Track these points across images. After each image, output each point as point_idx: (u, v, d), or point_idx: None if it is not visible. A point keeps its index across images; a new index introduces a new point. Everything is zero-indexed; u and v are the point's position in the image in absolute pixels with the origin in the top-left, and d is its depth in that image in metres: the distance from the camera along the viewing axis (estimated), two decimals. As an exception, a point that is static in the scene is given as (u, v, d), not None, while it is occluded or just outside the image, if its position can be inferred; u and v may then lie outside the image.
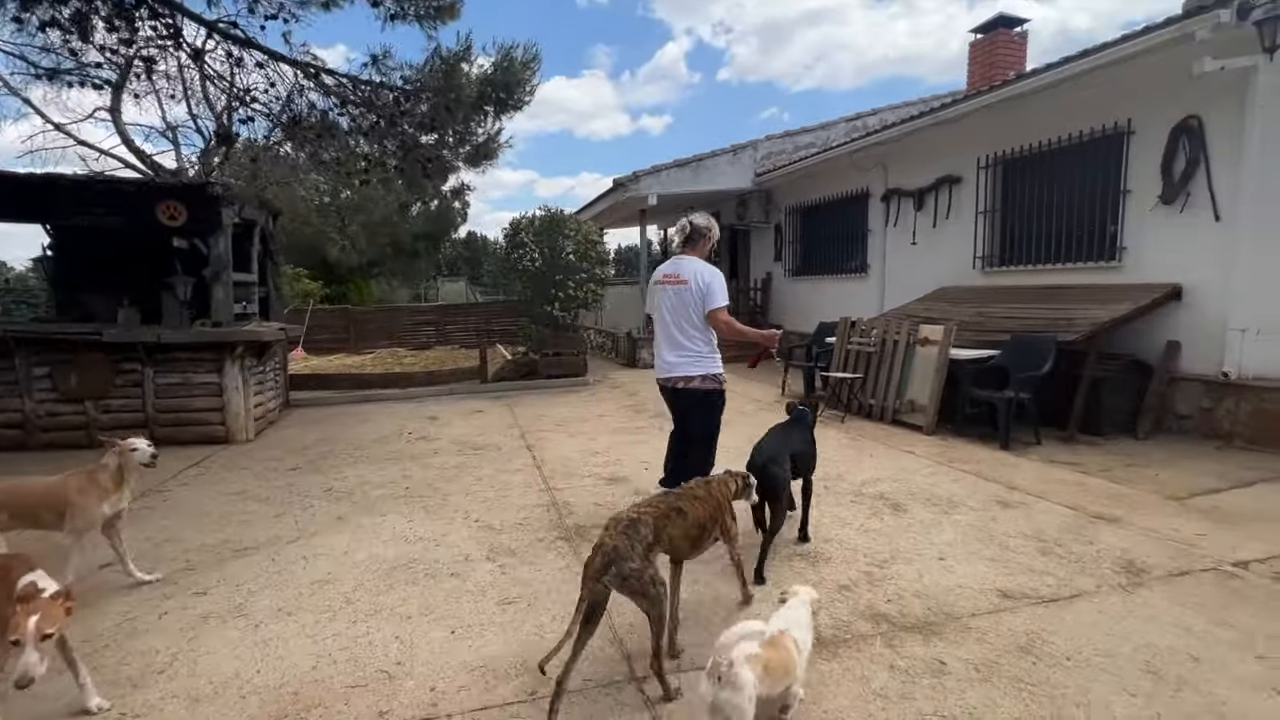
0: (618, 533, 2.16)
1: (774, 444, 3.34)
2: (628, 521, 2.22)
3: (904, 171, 8.77)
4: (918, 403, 6.06)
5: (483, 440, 6.11)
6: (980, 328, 6.37)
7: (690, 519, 2.45)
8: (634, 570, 2.09)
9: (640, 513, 2.29)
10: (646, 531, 2.22)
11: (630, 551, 2.10)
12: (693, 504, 2.51)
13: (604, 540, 2.14)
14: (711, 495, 2.65)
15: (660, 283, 3.69)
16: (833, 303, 10.47)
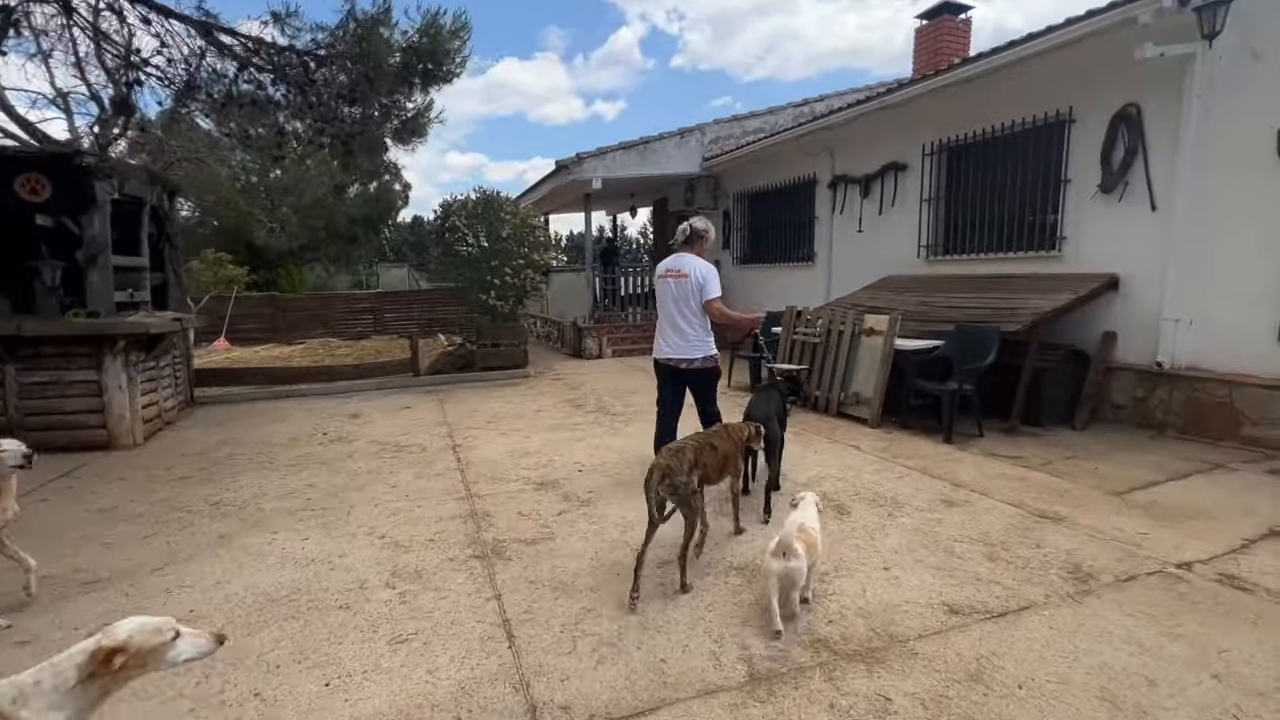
0: (670, 455, 2.87)
1: (763, 407, 3.97)
2: (677, 449, 2.94)
3: (851, 158, 8.62)
4: (863, 395, 5.90)
5: (406, 440, 5.63)
6: (925, 317, 6.26)
7: (720, 453, 3.19)
8: (683, 482, 2.81)
9: (685, 444, 3.01)
10: (691, 456, 2.92)
11: (680, 468, 2.82)
12: (722, 441, 3.26)
13: (659, 461, 2.84)
14: (731, 437, 3.36)
15: (663, 276, 4.21)
16: (781, 291, 10.31)
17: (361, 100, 7.22)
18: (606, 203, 15.17)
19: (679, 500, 2.83)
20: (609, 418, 6.37)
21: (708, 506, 3.33)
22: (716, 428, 3.47)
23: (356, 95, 7.02)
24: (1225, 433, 4.82)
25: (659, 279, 4.25)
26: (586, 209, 11.39)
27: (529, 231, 8.37)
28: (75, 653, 1.42)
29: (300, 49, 6.13)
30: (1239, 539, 3.23)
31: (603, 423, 6.17)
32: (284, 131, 7.63)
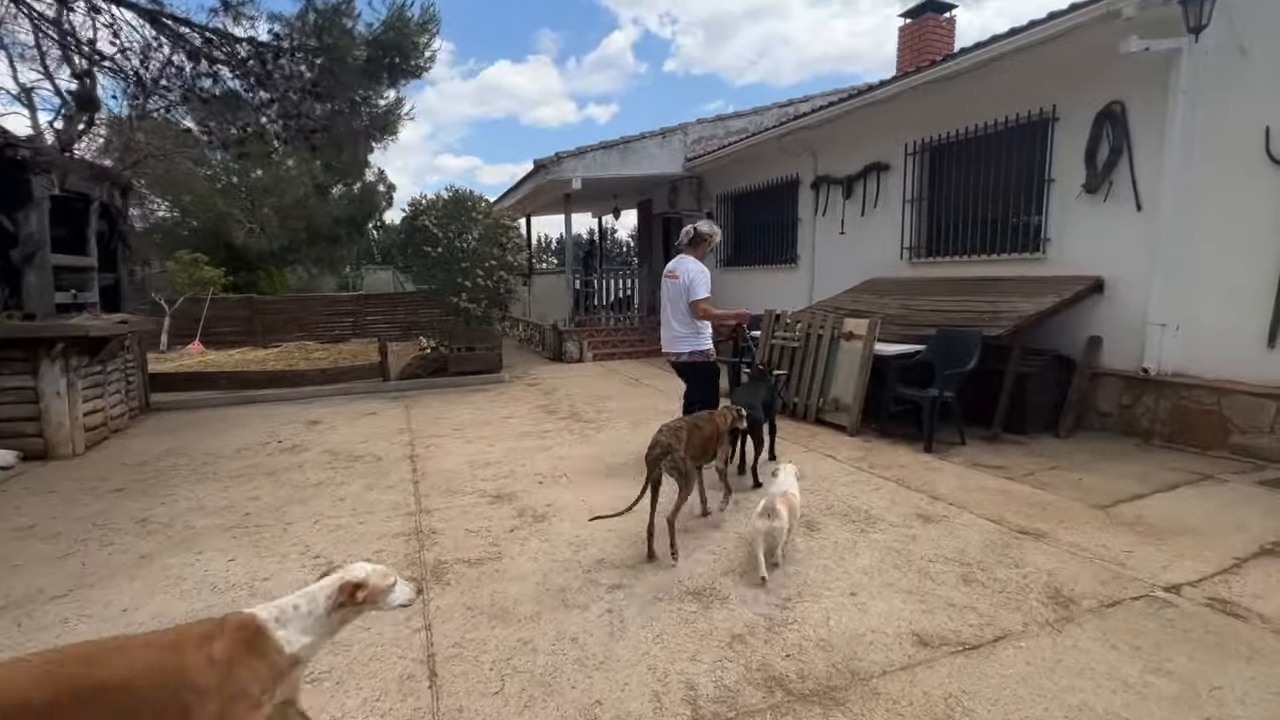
0: (669, 433, 3.23)
1: (749, 395, 4.38)
2: (674, 428, 3.32)
3: (833, 158, 8.44)
4: (842, 401, 5.69)
5: (363, 449, 5.36)
6: (907, 321, 6.07)
7: (703, 434, 3.53)
8: (680, 458, 3.17)
9: (680, 423, 3.45)
10: (684, 434, 3.31)
11: (678, 445, 3.19)
12: (707, 424, 3.62)
13: (659, 439, 3.19)
14: (714, 422, 3.70)
15: (664, 277, 4.59)
16: (764, 294, 10.09)
17: (327, 95, 6.95)
18: (589, 204, 14.95)
19: (677, 474, 3.18)
20: (580, 425, 6.13)
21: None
22: (706, 413, 3.79)
23: (320, 90, 6.76)
24: (1214, 441, 4.64)
25: (662, 280, 4.66)
26: (566, 210, 11.16)
27: (501, 232, 8.12)
28: (326, 585, 1.64)
29: (257, 40, 5.86)
30: (1230, 558, 3.03)
31: (573, 430, 5.93)
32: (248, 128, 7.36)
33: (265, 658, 1.52)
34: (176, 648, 1.46)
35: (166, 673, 1.41)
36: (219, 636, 1.49)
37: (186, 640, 1.48)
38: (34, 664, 1.39)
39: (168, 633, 1.53)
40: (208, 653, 1.46)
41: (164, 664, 1.43)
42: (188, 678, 1.41)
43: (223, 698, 1.43)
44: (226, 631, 1.51)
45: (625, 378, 8.96)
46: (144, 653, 1.44)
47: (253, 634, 1.53)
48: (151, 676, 1.40)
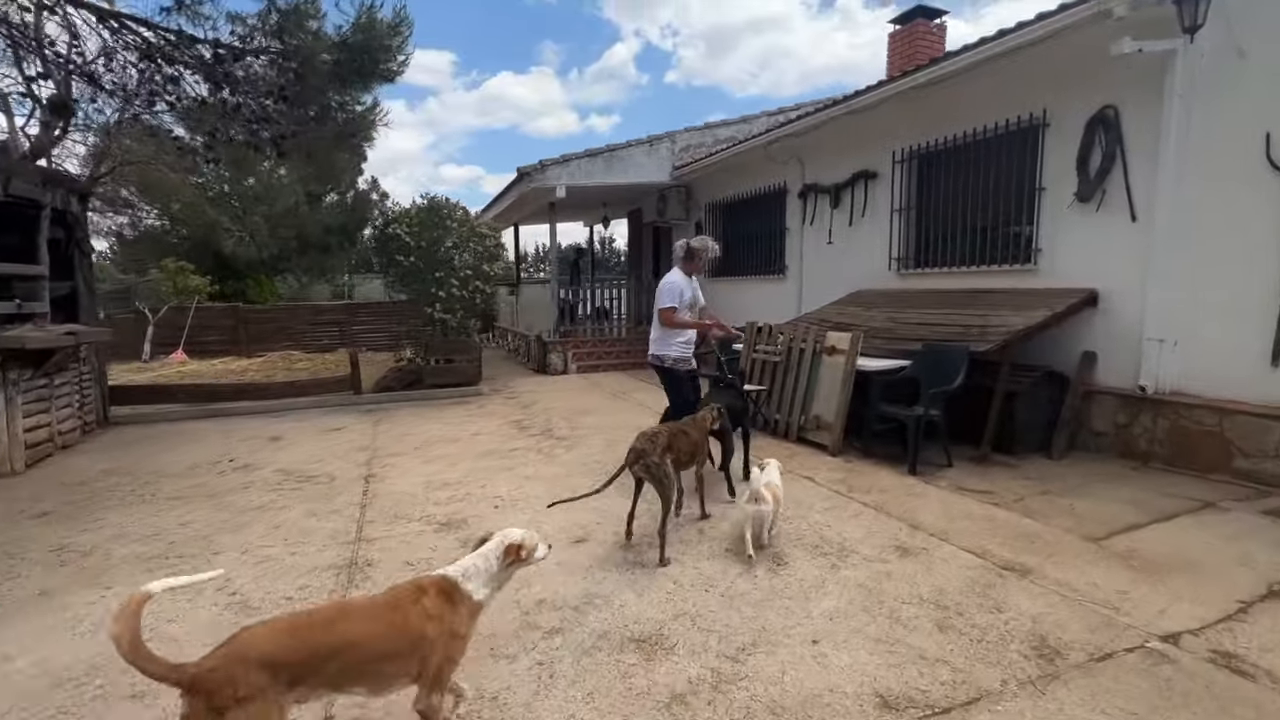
0: (645, 439, 3.31)
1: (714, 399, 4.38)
2: (651, 433, 3.38)
3: (821, 166, 8.21)
4: (823, 419, 5.42)
5: (317, 469, 5.08)
6: (892, 335, 5.80)
7: (689, 439, 3.67)
8: (654, 463, 3.22)
9: (660, 429, 3.51)
10: (663, 440, 3.38)
11: (652, 450, 3.25)
12: (691, 429, 3.74)
13: (635, 444, 3.28)
14: (699, 427, 3.82)
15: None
16: (753, 305, 9.86)
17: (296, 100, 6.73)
18: (578, 213, 14.74)
19: (652, 479, 3.22)
20: (551, 442, 5.85)
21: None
22: (689, 419, 3.90)
23: (288, 94, 6.53)
24: (1215, 465, 4.36)
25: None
26: (551, 219, 10.92)
27: (478, 240, 7.88)
28: (494, 546, 1.96)
29: (213, 40, 5.64)
30: (1234, 601, 2.75)
31: (543, 448, 5.65)
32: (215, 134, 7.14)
33: (463, 605, 1.85)
34: (398, 607, 1.77)
35: (396, 627, 1.73)
36: (426, 593, 1.81)
37: (402, 600, 1.79)
38: (284, 626, 1.66)
39: (383, 596, 1.85)
40: (422, 607, 1.77)
41: (393, 621, 1.73)
42: (414, 628, 1.73)
43: (443, 639, 1.77)
44: (430, 590, 1.82)
45: (608, 391, 8.69)
46: (373, 613, 1.75)
47: (450, 589, 1.85)
48: (386, 632, 1.71)
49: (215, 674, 1.48)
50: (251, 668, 1.50)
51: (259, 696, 1.49)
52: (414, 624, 1.74)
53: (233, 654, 1.52)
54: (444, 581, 1.86)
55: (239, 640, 1.57)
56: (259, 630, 1.63)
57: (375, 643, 1.69)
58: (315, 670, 1.59)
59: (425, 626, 1.75)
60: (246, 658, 1.52)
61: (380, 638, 1.70)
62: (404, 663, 1.73)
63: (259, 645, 1.56)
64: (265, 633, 1.61)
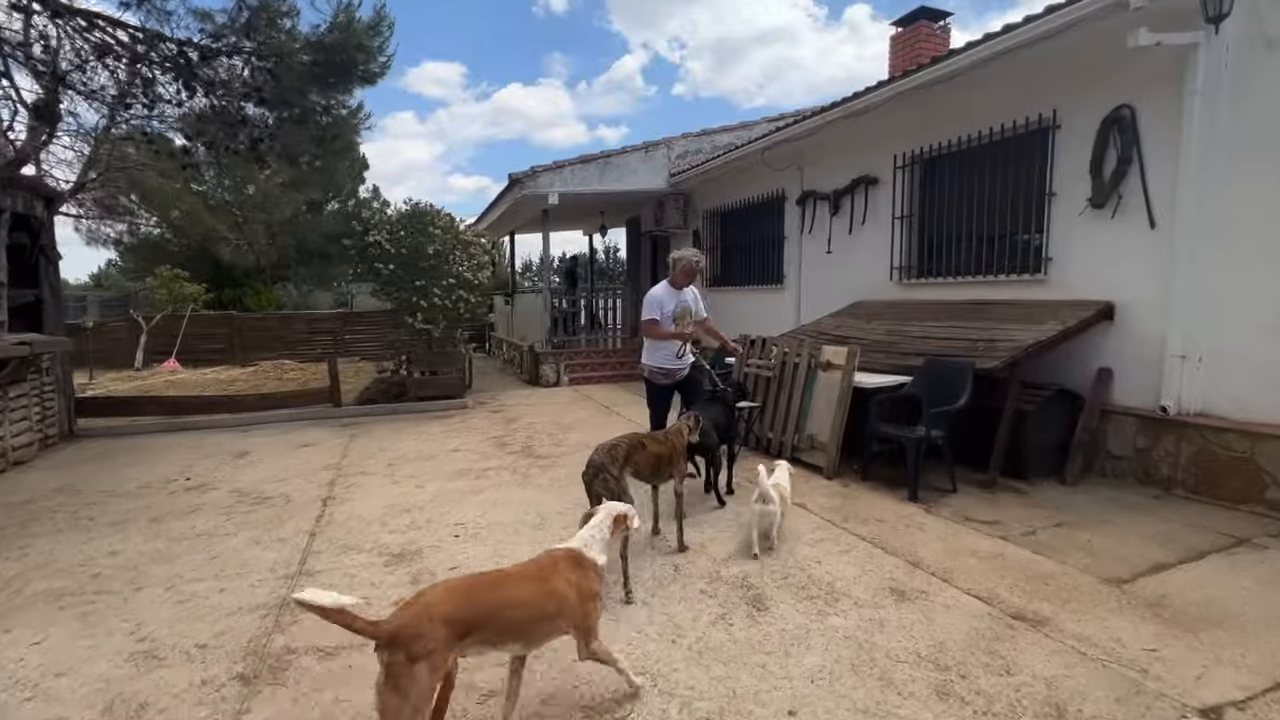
0: (603, 453, 3.16)
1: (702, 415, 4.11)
2: (610, 445, 3.23)
3: (820, 172, 7.90)
4: (818, 438, 5.06)
5: (276, 489, 4.77)
6: (893, 349, 5.45)
7: (649, 453, 3.38)
8: (612, 477, 3.08)
9: (619, 440, 3.30)
10: (622, 453, 3.21)
11: (611, 464, 3.12)
12: (653, 443, 3.46)
13: (593, 458, 3.15)
14: (668, 440, 3.56)
15: None
16: (751, 316, 9.53)
17: (273, 101, 6.49)
18: (576, 221, 14.47)
19: (609, 496, 2.98)
20: (529, 461, 5.52)
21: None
22: (661, 431, 3.84)
23: (265, 95, 6.29)
24: (1246, 495, 3.97)
25: None
26: (544, 227, 10.65)
27: (461, 248, 7.59)
28: (604, 518, 2.31)
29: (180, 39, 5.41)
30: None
31: (519, 468, 5.32)
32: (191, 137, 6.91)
33: (592, 569, 2.12)
34: (543, 576, 2.01)
35: (546, 592, 1.97)
36: (561, 562, 2.07)
37: (544, 569, 2.05)
38: (458, 587, 1.88)
39: (529, 566, 2.11)
40: (564, 575, 2.03)
41: (542, 587, 1.97)
42: (559, 592, 1.98)
43: (582, 600, 2.03)
44: (564, 560, 2.09)
45: (598, 405, 8.36)
46: (526, 580, 1.99)
47: (579, 557, 2.12)
48: (537, 597, 1.95)
49: (409, 629, 1.67)
50: (436, 624, 1.71)
51: (441, 649, 1.70)
52: (559, 589, 2.00)
53: (421, 612, 1.73)
54: (573, 552, 2.15)
55: (424, 601, 1.78)
56: (439, 591, 1.85)
57: (530, 605, 1.94)
58: (482, 627, 1.82)
59: (567, 591, 2.02)
60: (432, 615, 1.72)
61: (533, 601, 1.95)
62: (550, 623, 1.99)
63: (441, 604, 1.77)
64: (444, 593, 1.83)
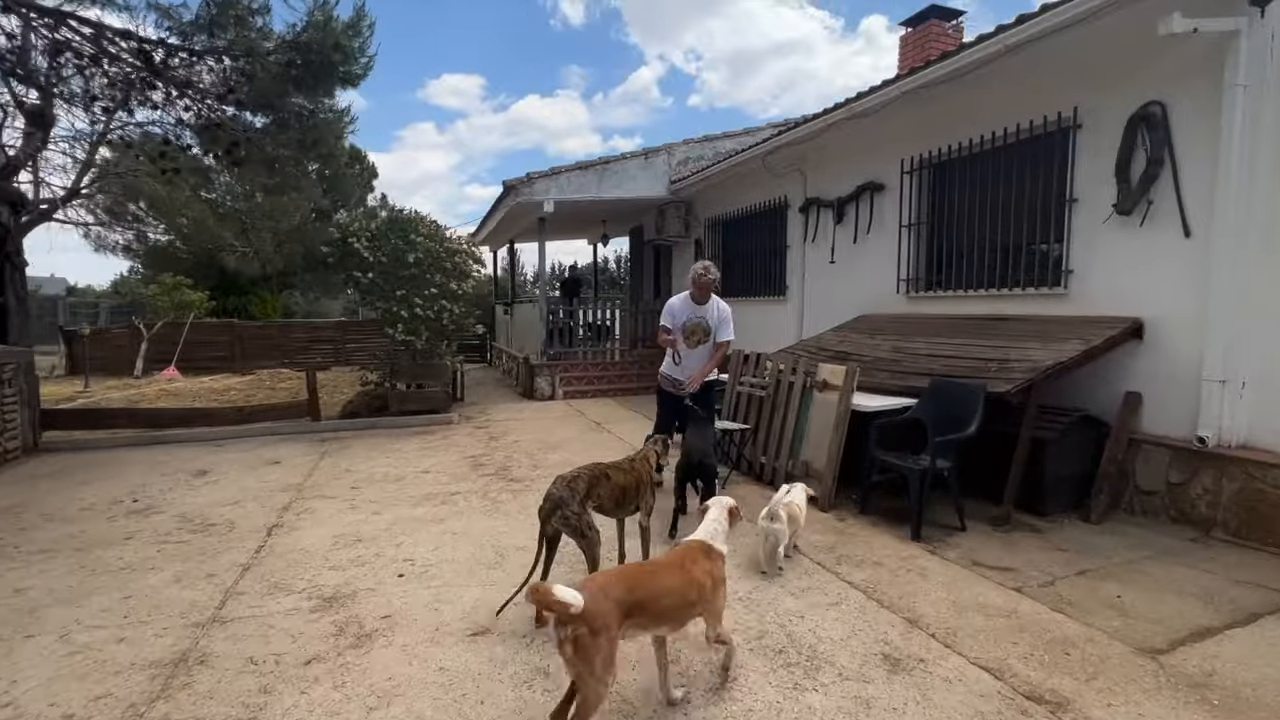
0: (563, 486, 2.86)
1: (699, 443, 4.13)
2: (570, 478, 2.92)
3: (824, 177, 7.49)
4: (814, 466, 4.63)
5: (224, 515, 4.42)
6: (899, 367, 5.00)
7: (613, 484, 3.11)
8: (574, 513, 2.80)
9: (581, 471, 3.01)
10: (582, 486, 2.91)
11: (572, 498, 2.82)
12: (618, 473, 3.18)
13: (551, 491, 2.85)
14: (634, 469, 3.28)
15: None
16: (754, 329, 9.11)
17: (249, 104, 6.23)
18: (578, 230, 14.17)
19: (573, 534, 2.82)
20: (502, 485, 5.14)
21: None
22: (623, 459, 3.43)
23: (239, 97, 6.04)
24: (1300, 541, 3.48)
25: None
26: (541, 235, 10.33)
27: (445, 256, 7.27)
28: (719, 513, 2.52)
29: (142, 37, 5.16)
30: (1369, 778, 1.90)
31: (490, 493, 4.94)
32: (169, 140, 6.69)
33: (719, 559, 2.39)
34: (684, 566, 2.27)
35: (687, 580, 2.23)
36: (697, 554, 2.34)
37: (683, 560, 2.30)
38: (622, 575, 2.19)
39: (671, 557, 2.36)
40: (700, 565, 2.30)
41: (684, 576, 2.24)
42: (698, 580, 2.25)
43: (715, 586, 2.30)
44: (698, 550, 2.36)
45: (589, 421, 7.97)
46: (672, 570, 2.25)
47: (708, 548, 2.39)
48: (683, 585, 2.21)
49: (594, 608, 1.88)
50: (612, 604, 1.95)
51: (614, 625, 1.94)
52: (698, 578, 2.24)
53: (599, 593, 1.95)
54: (703, 544, 2.38)
55: (596, 585, 2.01)
56: (607, 578, 2.11)
57: (677, 592, 2.17)
58: (642, 610, 2.05)
59: (704, 580, 2.26)
60: (609, 596, 1.96)
61: (679, 589, 2.18)
62: (691, 609, 2.23)
63: (613, 589, 2.00)
64: (615, 579, 2.09)
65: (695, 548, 2.36)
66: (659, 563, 2.37)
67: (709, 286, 4.63)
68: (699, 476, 4.17)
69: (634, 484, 3.21)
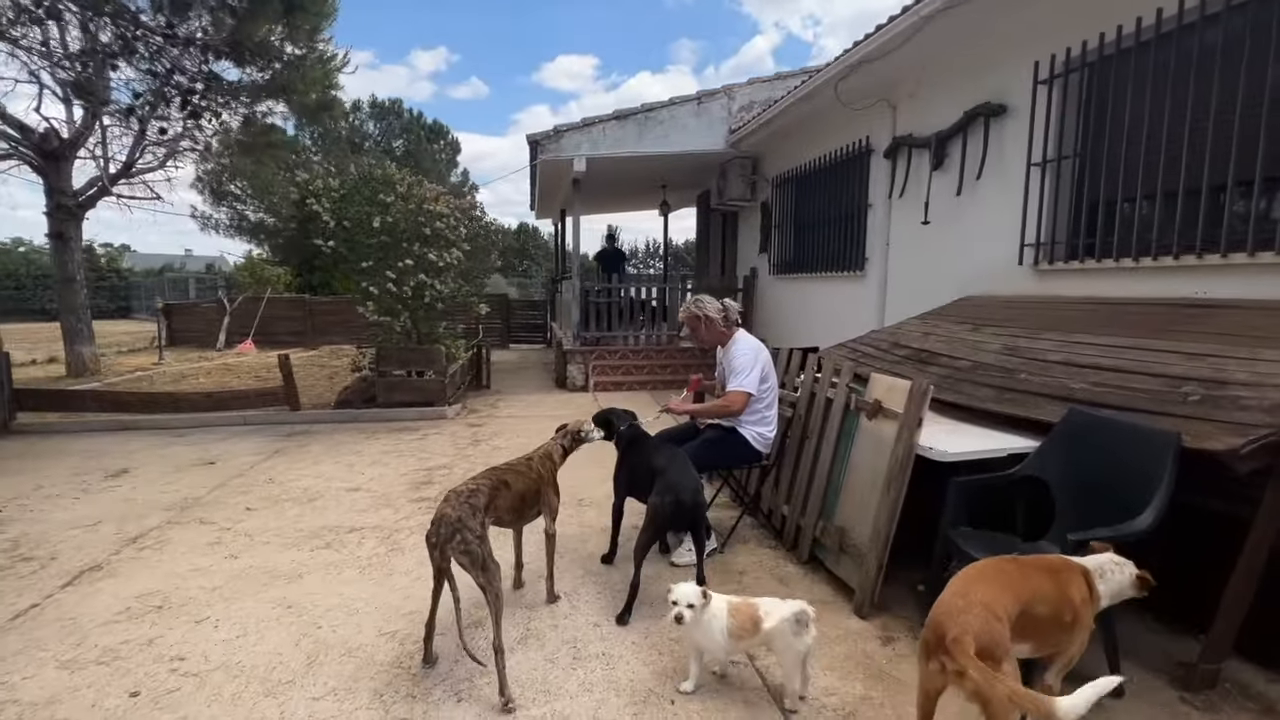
0: (459, 503, 2.25)
1: (685, 477, 2.80)
2: (468, 493, 2.32)
3: (918, 107, 5.45)
4: (851, 536, 2.90)
5: (61, 543, 3.48)
6: (1010, 382, 3.08)
7: (514, 492, 2.57)
8: (477, 538, 2.18)
9: (480, 481, 2.43)
10: (482, 501, 2.33)
11: (472, 519, 2.21)
12: (516, 479, 2.62)
13: (445, 512, 2.21)
14: (532, 469, 2.75)
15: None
16: (822, 313, 7.26)
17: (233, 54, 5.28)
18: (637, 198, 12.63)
19: (471, 564, 2.16)
20: (426, 517, 3.84)
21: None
22: (518, 459, 2.82)
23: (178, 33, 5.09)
24: None
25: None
26: (573, 199, 8.92)
27: (427, 221, 6.05)
28: (1125, 565, 1.94)
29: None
30: None
31: (404, 530, 3.69)
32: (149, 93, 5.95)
33: (1093, 597, 1.88)
34: (1060, 579, 1.83)
35: (1060, 595, 1.81)
36: (1077, 573, 1.87)
37: (1061, 570, 1.86)
38: (997, 572, 1.80)
39: (1043, 562, 1.91)
40: (1078, 585, 1.84)
41: (1057, 588, 1.82)
42: (1069, 599, 1.81)
43: (1083, 620, 1.83)
44: (1078, 572, 1.88)
45: (605, 422, 6.53)
46: (1041, 570, 1.84)
47: (1090, 577, 1.88)
48: (1057, 596, 1.80)
49: (983, 638, 1.55)
50: (1002, 623, 1.62)
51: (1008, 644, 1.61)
52: (1071, 596, 1.82)
53: (984, 614, 1.61)
54: (1087, 569, 1.90)
55: (974, 599, 1.65)
56: (986, 588, 1.71)
57: (1050, 605, 1.78)
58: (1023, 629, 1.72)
59: (1078, 603, 1.82)
60: (997, 615, 1.62)
61: (1053, 600, 1.79)
62: (1060, 635, 1.82)
63: (995, 602, 1.65)
64: (990, 588, 1.71)
65: (1078, 568, 1.89)
66: (1025, 562, 1.89)
67: (697, 327, 3.44)
68: (686, 526, 3.02)
69: (534, 489, 2.71)
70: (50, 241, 10.30)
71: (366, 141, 24.33)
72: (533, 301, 18.21)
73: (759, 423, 3.34)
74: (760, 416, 3.34)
